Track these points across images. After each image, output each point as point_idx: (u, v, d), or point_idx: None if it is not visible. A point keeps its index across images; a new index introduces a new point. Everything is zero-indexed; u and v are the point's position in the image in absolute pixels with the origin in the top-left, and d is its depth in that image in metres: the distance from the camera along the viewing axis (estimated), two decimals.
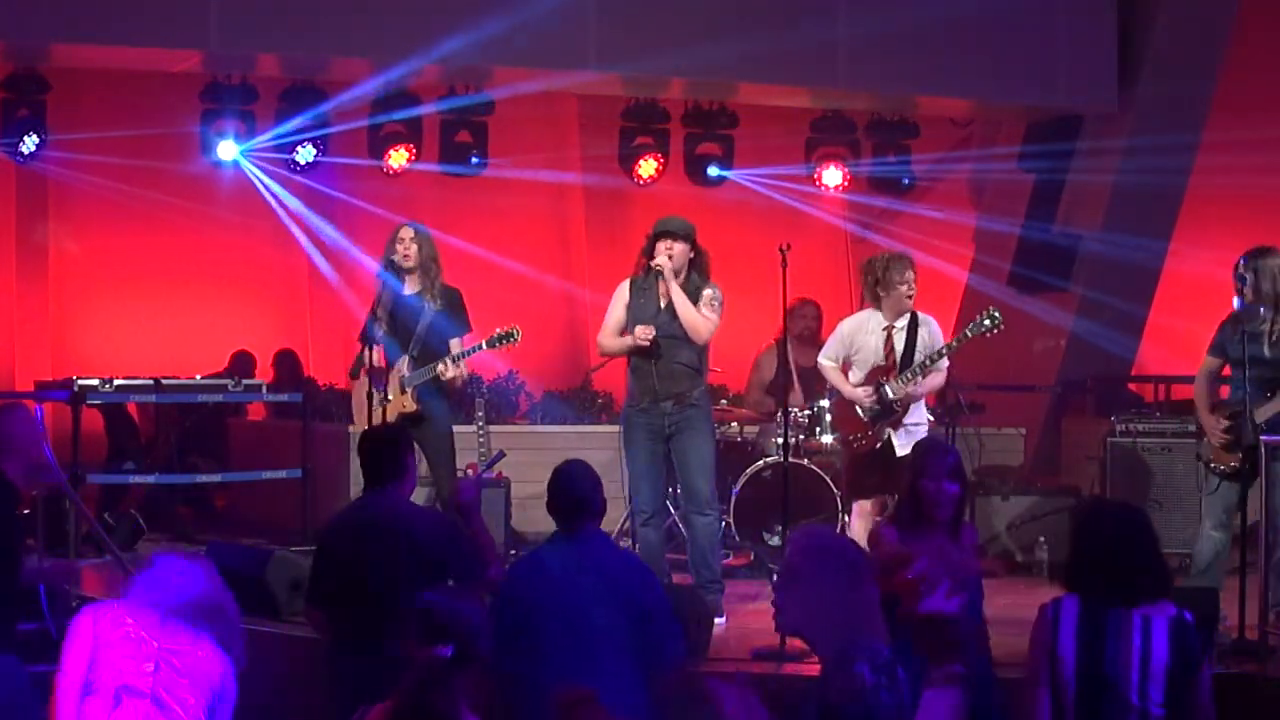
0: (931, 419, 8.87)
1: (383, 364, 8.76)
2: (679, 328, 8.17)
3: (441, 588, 4.88)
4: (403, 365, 8.65)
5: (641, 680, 5.29)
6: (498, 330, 8.67)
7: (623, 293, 8.40)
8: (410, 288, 8.73)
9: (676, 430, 8.27)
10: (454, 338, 8.68)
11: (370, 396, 8.53)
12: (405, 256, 8.65)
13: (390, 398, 8.59)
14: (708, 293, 8.26)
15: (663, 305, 8.24)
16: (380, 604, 5.55)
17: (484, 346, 8.69)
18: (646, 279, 8.31)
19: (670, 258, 8.14)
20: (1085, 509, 5.13)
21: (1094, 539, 4.86)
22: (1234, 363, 7.62)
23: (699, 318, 8.16)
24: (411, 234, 8.71)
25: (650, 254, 8.25)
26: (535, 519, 10.51)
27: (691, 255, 8.25)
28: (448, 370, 8.54)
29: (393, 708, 3.94)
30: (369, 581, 5.60)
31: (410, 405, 8.59)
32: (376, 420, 8.39)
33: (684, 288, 8.20)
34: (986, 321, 8.37)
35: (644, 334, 8.12)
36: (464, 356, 8.63)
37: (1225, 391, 8.03)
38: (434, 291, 8.66)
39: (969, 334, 8.40)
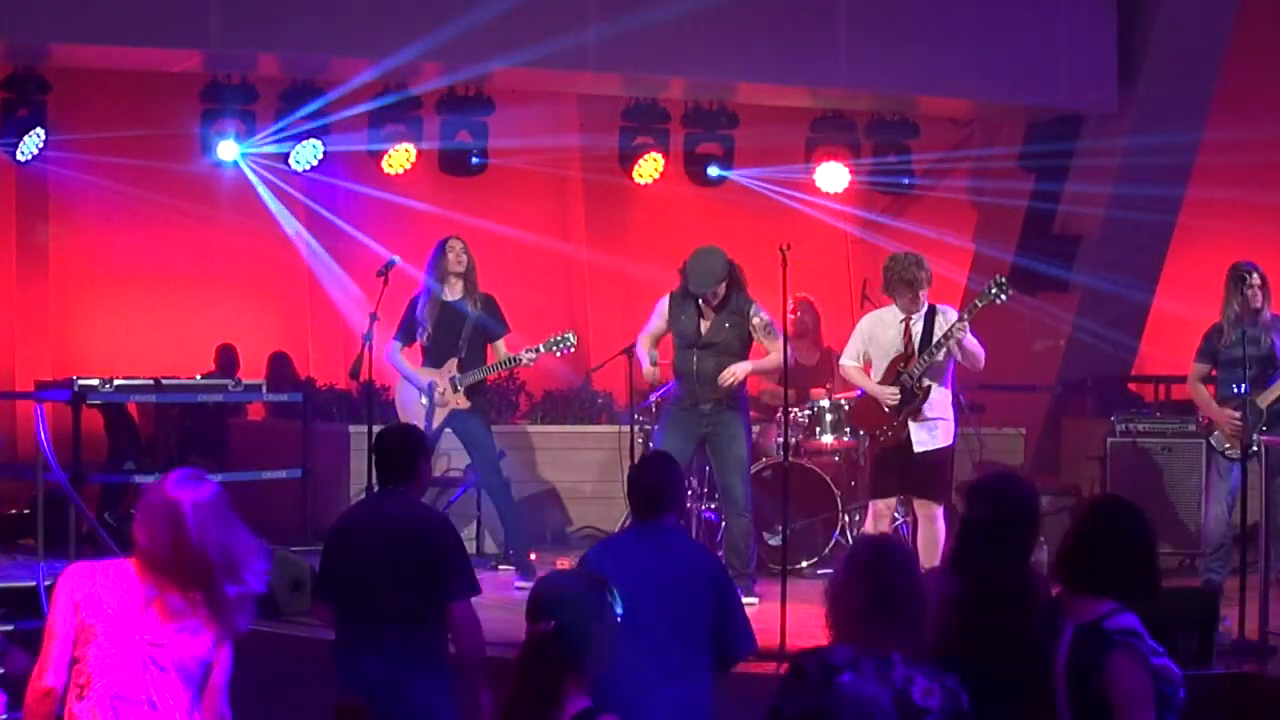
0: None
1: (419, 364, 9.39)
2: (718, 339, 8.69)
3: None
4: (451, 366, 9.24)
5: (703, 670, 5.29)
6: (554, 336, 9.29)
7: (662, 307, 8.94)
8: (452, 294, 9.33)
9: (713, 431, 8.80)
10: (498, 339, 9.36)
11: (433, 391, 9.24)
12: (457, 264, 9.28)
13: (444, 395, 9.24)
14: (758, 321, 8.75)
15: (701, 324, 8.74)
16: (386, 602, 5.55)
17: (542, 350, 9.27)
18: (685, 298, 8.82)
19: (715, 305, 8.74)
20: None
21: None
22: (1224, 364, 8.50)
23: (770, 366, 8.81)
24: (461, 245, 9.37)
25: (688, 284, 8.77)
26: (536, 518, 10.53)
27: (726, 279, 8.72)
28: (525, 363, 9.33)
29: (510, 684, 3.91)
30: (377, 580, 5.60)
31: (464, 403, 9.23)
32: (434, 419, 9.19)
33: (726, 309, 8.72)
34: (994, 289, 8.40)
35: (651, 375, 8.89)
36: (537, 354, 9.28)
37: (1212, 390, 8.76)
38: (475, 297, 9.31)
39: (979, 304, 8.41)
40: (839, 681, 3.94)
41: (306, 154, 10.80)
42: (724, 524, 9.19)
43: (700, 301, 8.75)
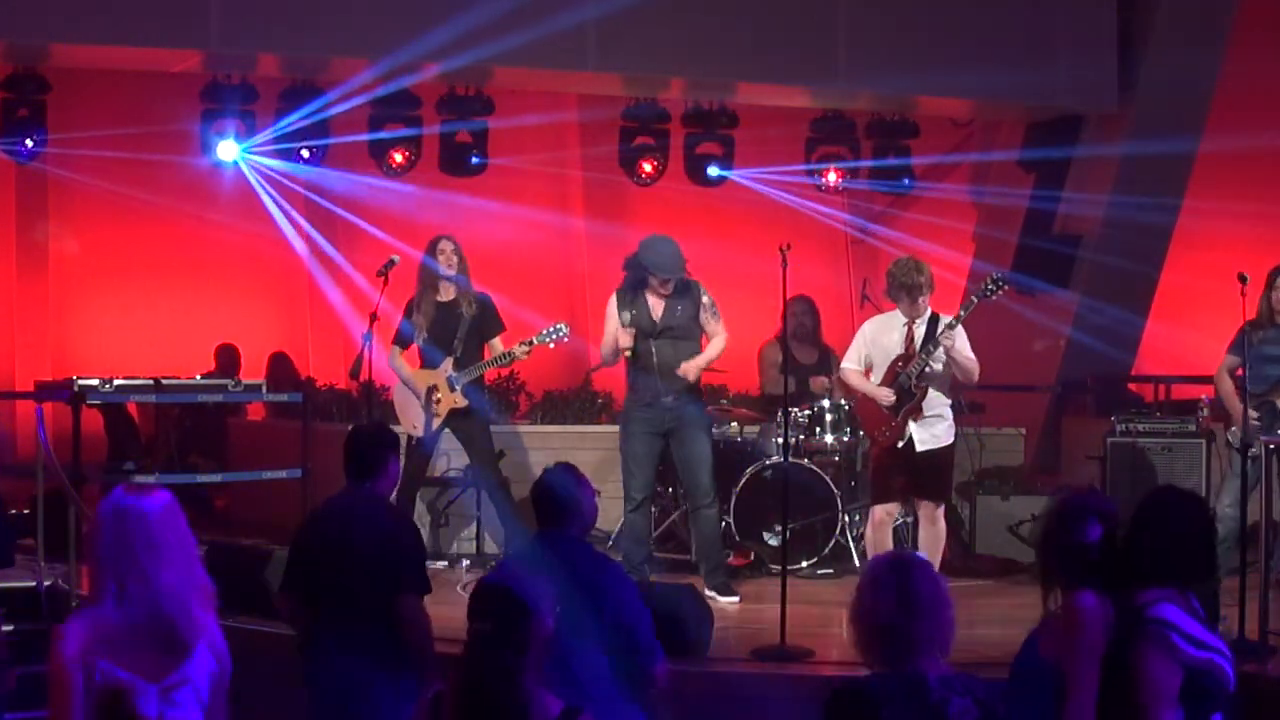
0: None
1: (417, 365, 9.43)
2: (673, 324, 8.74)
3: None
4: (447, 365, 9.30)
5: (610, 678, 5.27)
6: (546, 328, 9.28)
7: (613, 307, 8.92)
8: (445, 294, 9.40)
9: (676, 426, 8.79)
10: (493, 338, 9.44)
11: (431, 393, 9.28)
12: (449, 265, 9.32)
13: (440, 397, 9.29)
14: (706, 301, 8.83)
15: (653, 312, 8.77)
16: (356, 600, 5.57)
17: (535, 342, 9.26)
18: (633, 291, 8.83)
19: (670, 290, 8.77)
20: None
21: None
22: (1253, 361, 8.24)
23: (718, 350, 8.85)
24: (452, 245, 9.40)
25: (642, 278, 8.76)
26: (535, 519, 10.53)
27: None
28: (519, 356, 9.34)
29: (455, 683, 3.94)
30: (347, 578, 5.61)
31: (461, 401, 9.30)
32: (433, 420, 9.27)
33: (677, 294, 8.76)
34: (991, 285, 8.42)
35: (625, 340, 8.72)
36: (530, 347, 9.27)
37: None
38: (469, 297, 9.37)
39: (975, 300, 8.42)
40: (880, 717, 3.87)
41: (305, 154, 10.84)
42: (691, 520, 9.13)
43: (649, 293, 8.77)
